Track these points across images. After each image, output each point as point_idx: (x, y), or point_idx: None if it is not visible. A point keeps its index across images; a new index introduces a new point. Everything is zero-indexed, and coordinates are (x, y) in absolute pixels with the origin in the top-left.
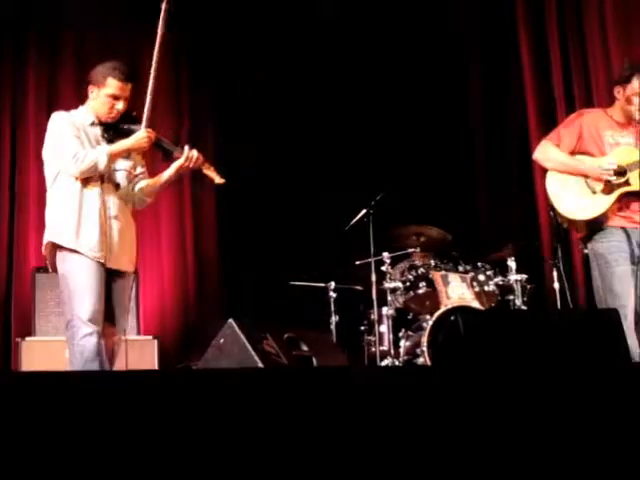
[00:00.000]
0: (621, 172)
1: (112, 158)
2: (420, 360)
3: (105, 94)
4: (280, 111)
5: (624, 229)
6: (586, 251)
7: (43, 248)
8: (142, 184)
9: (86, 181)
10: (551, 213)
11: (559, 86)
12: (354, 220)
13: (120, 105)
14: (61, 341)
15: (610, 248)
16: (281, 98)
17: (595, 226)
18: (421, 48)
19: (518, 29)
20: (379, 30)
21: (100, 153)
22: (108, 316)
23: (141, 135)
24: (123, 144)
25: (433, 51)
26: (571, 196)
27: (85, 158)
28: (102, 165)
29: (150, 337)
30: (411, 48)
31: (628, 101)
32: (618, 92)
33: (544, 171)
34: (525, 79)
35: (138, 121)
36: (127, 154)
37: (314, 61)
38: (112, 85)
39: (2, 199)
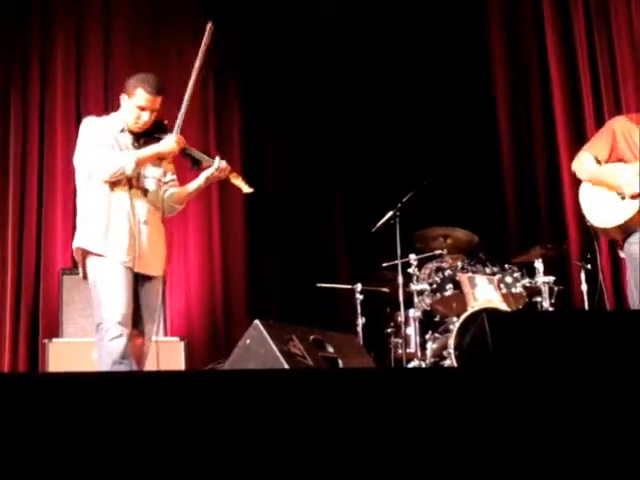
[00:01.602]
0: None
1: (140, 163)
2: (447, 362)
3: (134, 104)
4: (305, 112)
5: None
6: (622, 254)
7: (74, 253)
8: (172, 191)
9: (115, 186)
10: (588, 224)
11: (587, 89)
12: (381, 222)
13: (146, 116)
14: (88, 342)
15: None
16: (303, 99)
17: (628, 229)
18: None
19: (545, 31)
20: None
21: (128, 157)
22: (136, 320)
23: (170, 140)
24: (151, 149)
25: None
26: (602, 206)
27: (114, 162)
28: (129, 169)
29: (177, 339)
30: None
31: None
32: None
33: (574, 180)
34: (553, 82)
35: (169, 130)
36: (158, 162)
37: (334, 65)
38: (141, 96)
39: (30, 202)
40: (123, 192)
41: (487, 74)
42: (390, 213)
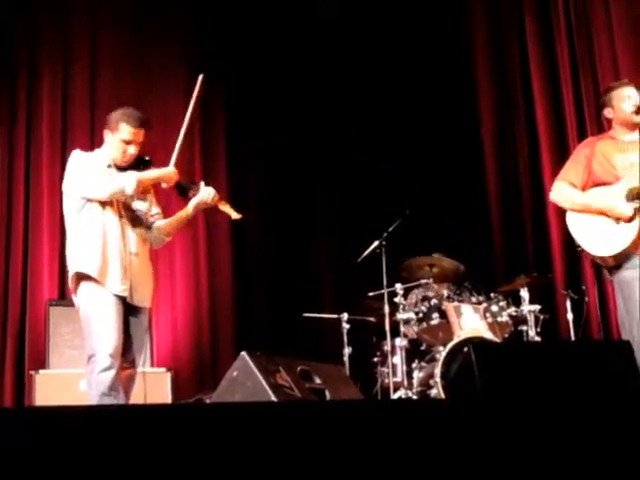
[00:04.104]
0: (637, 195)
1: (140, 184)
2: (434, 392)
3: (118, 139)
4: (293, 142)
5: None
6: (610, 278)
7: (69, 280)
8: (159, 224)
9: (107, 217)
10: (579, 249)
11: (570, 113)
12: (367, 251)
13: (132, 149)
14: (75, 374)
15: (636, 276)
16: (291, 127)
17: (623, 257)
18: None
19: (529, 53)
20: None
21: (129, 177)
22: (126, 350)
23: (170, 170)
24: (152, 172)
25: (441, 79)
26: (595, 233)
27: (114, 181)
28: (130, 189)
29: (164, 369)
30: (416, 74)
31: (621, 111)
32: (609, 112)
33: (560, 208)
34: (536, 109)
35: (153, 164)
36: (143, 196)
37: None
38: (125, 130)
39: (17, 232)
40: (115, 223)
41: (472, 102)
42: (376, 243)
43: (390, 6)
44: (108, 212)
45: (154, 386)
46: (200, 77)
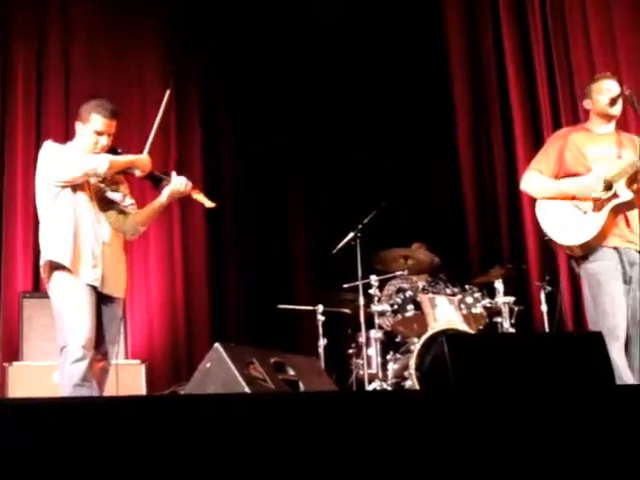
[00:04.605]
0: (608, 186)
1: (113, 166)
2: (408, 383)
3: (90, 130)
4: (265, 131)
5: (617, 249)
6: (578, 271)
7: (42, 269)
8: (133, 214)
9: (80, 206)
10: (546, 239)
11: (545, 103)
12: (342, 243)
13: (105, 140)
14: (48, 366)
15: (602, 268)
16: (263, 115)
17: (590, 247)
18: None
19: (504, 44)
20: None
21: (103, 158)
22: (98, 342)
23: (144, 157)
24: (126, 157)
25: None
26: (563, 222)
27: (88, 160)
28: (102, 169)
29: (138, 361)
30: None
31: (598, 103)
32: (587, 104)
33: (532, 197)
34: (511, 99)
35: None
36: (116, 187)
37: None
38: (97, 121)
39: None
40: (88, 212)
41: (448, 98)
42: (351, 234)
43: (384, 6)
44: (81, 202)
45: (128, 378)
46: (168, 91)
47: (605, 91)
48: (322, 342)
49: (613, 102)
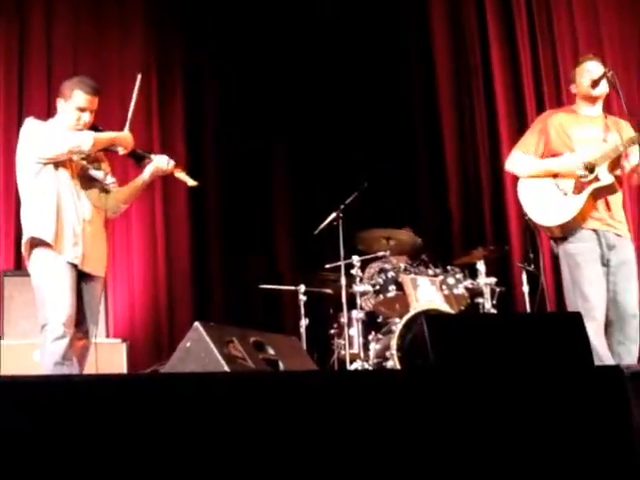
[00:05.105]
0: (590, 168)
1: (97, 143)
2: (390, 363)
3: (73, 106)
4: (248, 112)
5: (596, 231)
6: (557, 251)
7: (23, 247)
8: (115, 192)
9: (61, 183)
10: (526, 218)
11: (529, 86)
12: (324, 223)
13: (87, 117)
14: (29, 344)
15: (581, 249)
16: (247, 98)
17: (569, 228)
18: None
19: (488, 29)
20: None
21: (87, 135)
22: (79, 320)
23: (126, 133)
24: (109, 134)
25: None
26: (543, 203)
27: (72, 136)
28: (86, 146)
29: (119, 340)
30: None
31: (582, 86)
32: (573, 88)
33: (515, 178)
34: (495, 81)
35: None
36: (98, 164)
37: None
38: (79, 97)
39: None
40: (70, 190)
41: (431, 76)
42: (333, 214)
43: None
44: (63, 179)
45: (109, 357)
46: (139, 77)
47: (586, 73)
48: (304, 322)
49: (595, 83)
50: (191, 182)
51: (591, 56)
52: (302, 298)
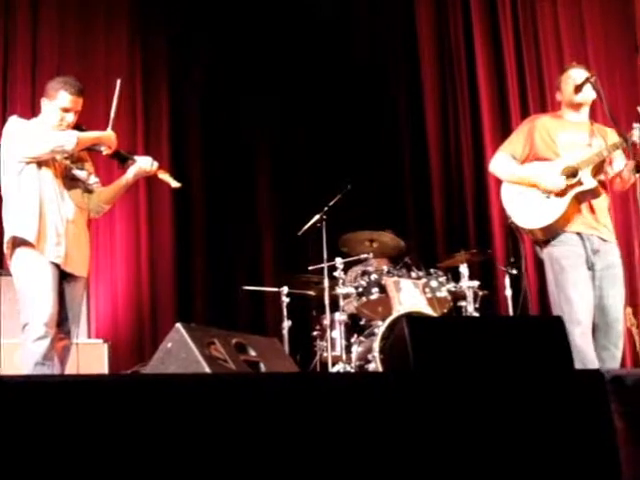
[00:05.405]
0: (573, 173)
1: (80, 142)
2: (372, 366)
3: (57, 107)
4: (233, 114)
5: (580, 235)
6: (541, 255)
7: (5, 246)
8: (98, 192)
9: (45, 184)
10: (509, 222)
11: (513, 90)
12: (307, 225)
13: (71, 117)
14: (10, 344)
15: (565, 253)
16: (230, 99)
17: (552, 231)
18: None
19: (473, 36)
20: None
21: (70, 135)
22: (61, 320)
23: (110, 133)
24: (92, 133)
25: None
26: (526, 206)
27: (55, 137)
28: (70, 146)
29: (101, 341)
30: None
31: (566, 93)
32: (558, 95)
33: (499, 181)
34: (479, 85)
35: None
36: (81, 164)
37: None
38: (64, 98)
39: None
40: (53, 189)
41: (416, 79)
42: (317, 216)
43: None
44: (46, 179)
45: (91, 358)
46: (118, 81)
47: (570, 80)
48: (286, 324)
49: (577, 89)
50: (174, 184)
51: (574, 64)
52: (285, 300)
